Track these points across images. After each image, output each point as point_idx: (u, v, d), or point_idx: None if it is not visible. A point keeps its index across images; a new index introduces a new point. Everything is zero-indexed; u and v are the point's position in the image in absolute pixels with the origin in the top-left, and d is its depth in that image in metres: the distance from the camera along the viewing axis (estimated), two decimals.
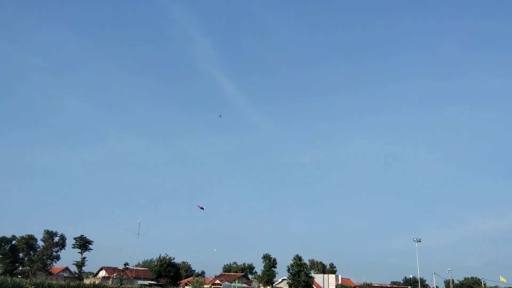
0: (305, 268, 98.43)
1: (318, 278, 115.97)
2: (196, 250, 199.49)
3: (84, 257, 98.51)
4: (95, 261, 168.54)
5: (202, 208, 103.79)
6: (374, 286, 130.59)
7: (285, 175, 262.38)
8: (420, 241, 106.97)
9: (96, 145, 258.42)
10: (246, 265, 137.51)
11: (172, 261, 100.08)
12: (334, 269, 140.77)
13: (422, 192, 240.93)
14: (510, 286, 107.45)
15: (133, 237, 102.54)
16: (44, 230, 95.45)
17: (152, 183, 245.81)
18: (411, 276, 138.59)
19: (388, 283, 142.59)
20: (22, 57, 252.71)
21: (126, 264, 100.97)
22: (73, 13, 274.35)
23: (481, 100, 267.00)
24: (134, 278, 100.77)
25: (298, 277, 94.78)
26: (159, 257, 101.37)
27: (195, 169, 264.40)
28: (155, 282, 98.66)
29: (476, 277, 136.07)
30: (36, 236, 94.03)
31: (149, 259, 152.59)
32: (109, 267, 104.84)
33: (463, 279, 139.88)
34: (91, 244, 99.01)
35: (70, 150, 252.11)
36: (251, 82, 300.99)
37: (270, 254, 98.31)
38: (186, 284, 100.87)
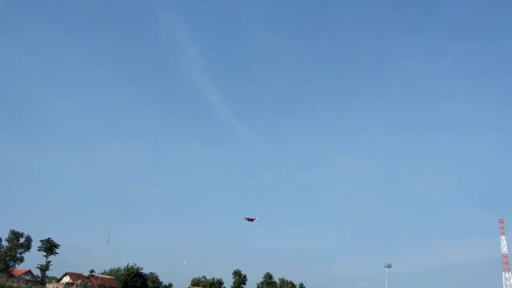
0: (275, 287, 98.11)
1: None
2: (165, 261, 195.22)
3: (49, 261, 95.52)
4: (60, 265, 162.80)
5: (252, 220, 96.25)
6: None
7: (265, 191, 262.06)
8: (390, 267, 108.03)
9: (79, 150, 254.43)
10: (216, 280, 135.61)
11: (140, 271, 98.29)
12: None
13: (399, 217, 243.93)
14: None
15: (103, 244, 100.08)
16: (10, 230, 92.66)
17: (129, 191, 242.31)
18: None
19: None
20: (17, 56, 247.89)
21: (92, 271, 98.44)
22: (69, 17, 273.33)
23: (467, 127, 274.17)
24: (99, 286, 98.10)
25: None
26: (127, 266, 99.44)
27: (175, 181, 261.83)
28: None
29: None
30: (1, 235, 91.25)
31: (117, 267, 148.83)
32: (74, 273, 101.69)
33: None
34: (58, 248, 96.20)
35: (54, 153, 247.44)
36: (237, 94, 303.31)
37: (241, 270, 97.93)
38: None
